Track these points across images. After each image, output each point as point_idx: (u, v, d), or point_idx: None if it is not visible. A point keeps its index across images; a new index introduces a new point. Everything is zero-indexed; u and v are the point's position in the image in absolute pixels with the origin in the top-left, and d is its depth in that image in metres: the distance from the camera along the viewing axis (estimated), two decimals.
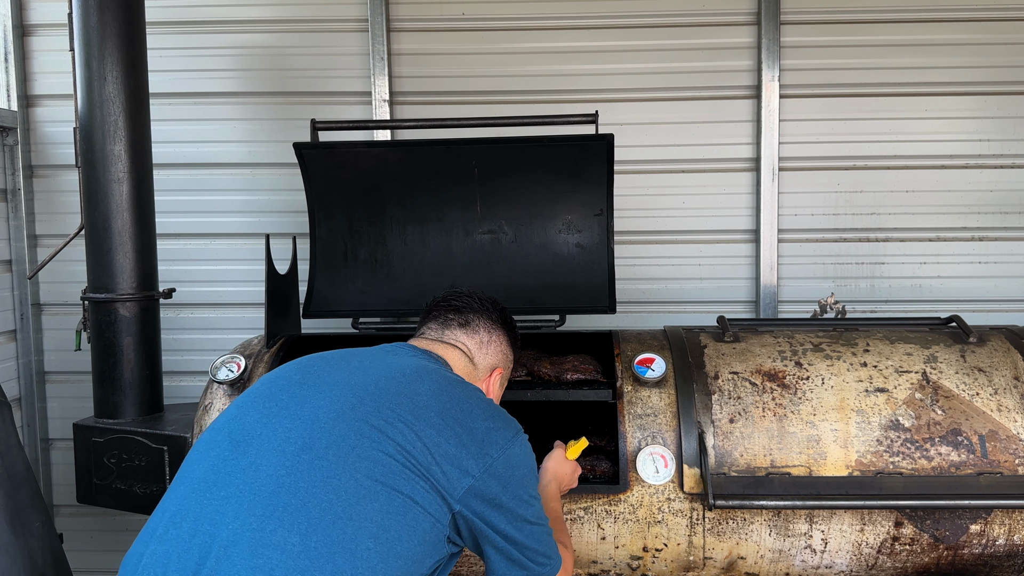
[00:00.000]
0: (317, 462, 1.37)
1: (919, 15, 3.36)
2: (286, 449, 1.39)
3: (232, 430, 1.47)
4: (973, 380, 2.22)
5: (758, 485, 2.12)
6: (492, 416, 1.55)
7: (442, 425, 1.45)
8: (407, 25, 3.47)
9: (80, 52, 2.59)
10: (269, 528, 1.31)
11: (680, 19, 3.41)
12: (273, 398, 1.51)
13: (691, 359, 2.31)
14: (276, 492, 1.34)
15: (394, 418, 1.43)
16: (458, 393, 1.55)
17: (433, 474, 1.40)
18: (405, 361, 1.61)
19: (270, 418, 1.46)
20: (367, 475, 1.36)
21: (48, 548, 2.27)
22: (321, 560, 1.29)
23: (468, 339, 1.77)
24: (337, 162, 2.80)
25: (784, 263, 3.45)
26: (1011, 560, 2.17)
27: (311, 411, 1.45)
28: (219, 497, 1.36)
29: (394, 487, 1.37)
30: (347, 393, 1.48)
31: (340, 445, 1.39)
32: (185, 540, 1.33)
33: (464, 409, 1.51)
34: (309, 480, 1.35)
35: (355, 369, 1.56)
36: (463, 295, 1.83)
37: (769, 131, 3.36)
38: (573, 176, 2.74)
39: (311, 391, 1.50)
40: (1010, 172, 3.41)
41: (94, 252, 2.64)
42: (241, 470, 1.39)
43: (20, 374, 3.55)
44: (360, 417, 1.43)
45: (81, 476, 2.60)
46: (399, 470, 1.38)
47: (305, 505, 1.33)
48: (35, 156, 3.56)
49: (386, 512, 1.35)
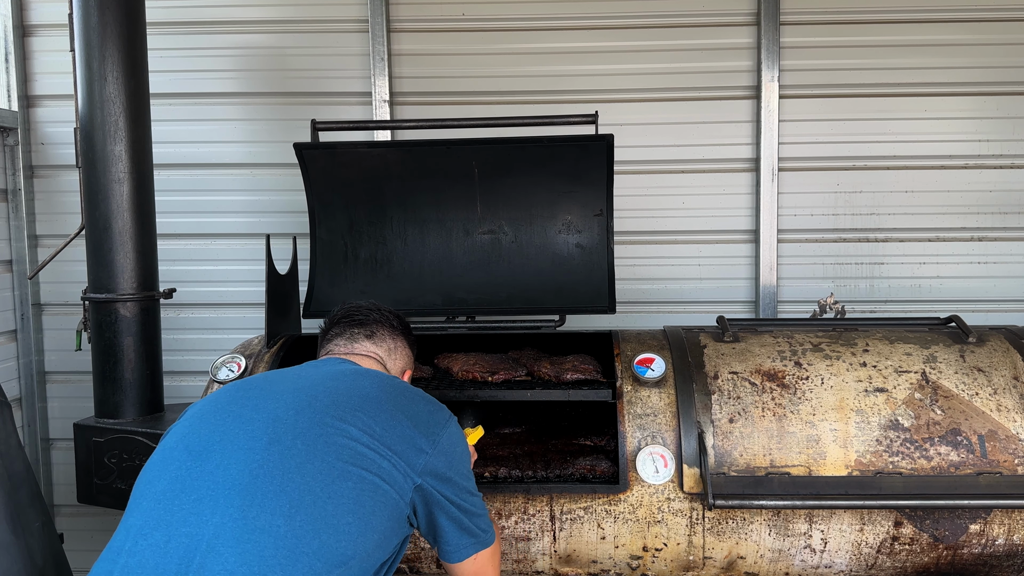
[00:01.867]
0: (287, 452, 1.45)
1: (919, 15, 3.36)
2: (253, 446, 1.46)
3: (188, 444, 1.51)
4: (972, 380, 2.22)
5: (758, 485, 2.12)
6: (430, 402, 1.69)
7: (393, 411, 1.58)
8: (407, 26, 3.47)
9: (80, 52, 2.59)
10: (252, 515, 1.36)
11: (680, 19, 3.41)
12: (223, 411, 1.56)
13: (691, 359, 2.31)
14: (252, 483, 1.40)
15: (349, 409, 1.54)
16: (398, 385, 1.69)
17: (396, 451, 1.52)
18: (341, 367, 1.73)
19: (227, 426, 1.52)
20: (337, 458, 1.46)
21: (48, 548, 2.27)
22: (308, 537, 1.36)
23: (377, 349, 1.86)
24: (337, 162, 2.80)
25: (784, 263, 3.45)
26: (1011, 560, 2.17)
27: (269, 412, 1.52)
28: (190, 500, 1.40)
29: (363, 467, 1.47)
30: (299, 395, 1.57)
31: (306, 436, 1.48)
32: (160, 547, 1.35)
33: (407, 398, 1.65)
34: (283, 468, 1.42)
35: (297, 378, 1.66)
36: (363, 308, 1.91)
37: (769, 131, 3.36)
38: (573, 176, 2.74)
39: (262, 399, 1.57)
40: (1010, 172, 3.41)
41: (94, 252, 2.64)
42: (208, 473, 1.43)
43: (20, 374, 3.55)
44: (318, 410, 1.53)
45: (81, 476, 2.60)
46: (365, 452, 1.49)
47: (284, 489, 1.40)
48: (35, 156, 3.57)
49: (360, 490, 1.45)
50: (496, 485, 2.23)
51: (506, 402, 2.67)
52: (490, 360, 2.46)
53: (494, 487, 2.23)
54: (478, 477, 2.27)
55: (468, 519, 1.64)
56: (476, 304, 2.82)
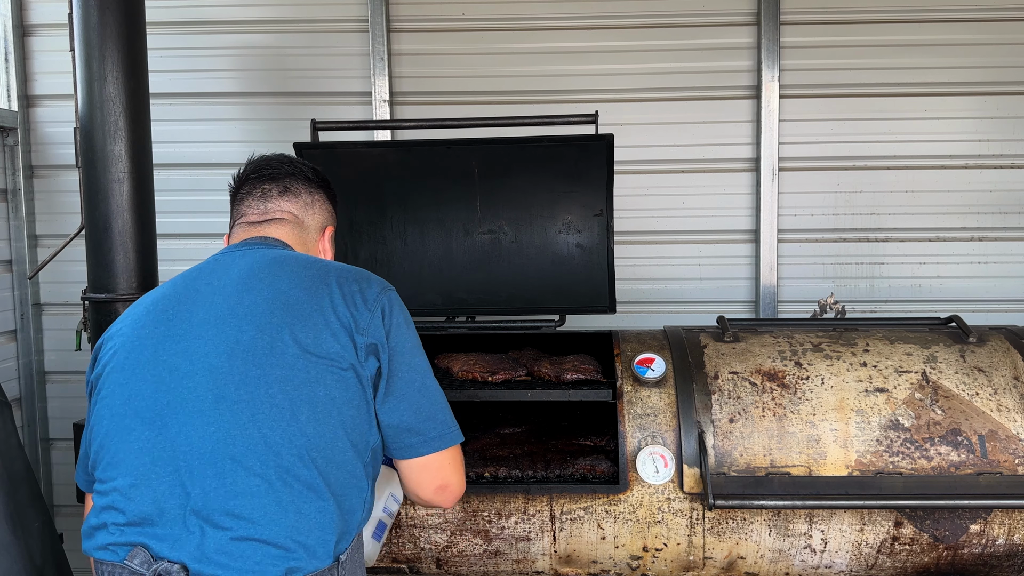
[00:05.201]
0: (235, 407, 1.38)
1: (919, 15, 3.36)
2: (202, 408, 1.38)
3: (137, 409, 1.41)
4: (973, 380, 2.22)
5: (758, 485, 2.12)
6: (357, 280, 1.53)
7: (319, 312, 1.45)
8: (407, 25, 3.47)
9: (80, 52, 2.59)
10: (230, 480, 1.34)
11: (680, 19, 3.41)
12: (154, 359, 1.43)
13: (691, 359, 2.31)
14: (217, 450, 1.35)
15: (276, 329, 1.42)
16: (317, 273, 1.51)
17: (332, 355, 1.42)
18: (254, 260, 1.53)
19: (167, 383, 1.41)
20: (284, 391, 1.39)
21: (48, 548, 2.27)
22: (299, 468, 1.36)
23: (292, 205, 1.68)
24: (337, 162, 2.80)
25: (784, 263, 3.45)
26: (1011, 560, 2.17)
27: (203, 362, 1.40)
28: (168, 472, 1.36)
29: (313, 382, 1.40)
30: (223, 328, 1.43)
31: (246, 382, 1.39)
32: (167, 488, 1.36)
33: (328, 286, 1.49)
34: (239, 424, 1.37)
35: (214, 296, 1.49)
36: (273, 161, 1.72)
37: (769, 131, 3.36)
38: (573, 176, 2.74)
39: (190, 339, 1.43)
40: (1010, 172, 3.41)
41: (94, 252, 2.64)
42: (171, 443, 1.37)
43: (20, 374, 3.55)
44: (246, 347, 1.41)
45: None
46: (308, 369, 1.41)
47: (252, 448, 1.36)
48: (35, 156, 3.56)
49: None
50: (496, 485, 2.23)
51: (506, 402, 2.67)
52: (490, 360, 2.46)
53: (494, 487, 2.23)
54: (478, 477, 2.27)
55: (422, 378, 1.53)
56: (476, 304, 2.82)
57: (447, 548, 2.29)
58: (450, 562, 2.31)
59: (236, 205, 1.71)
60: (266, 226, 1.65)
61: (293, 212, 1.68)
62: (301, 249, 1.66)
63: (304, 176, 1.72)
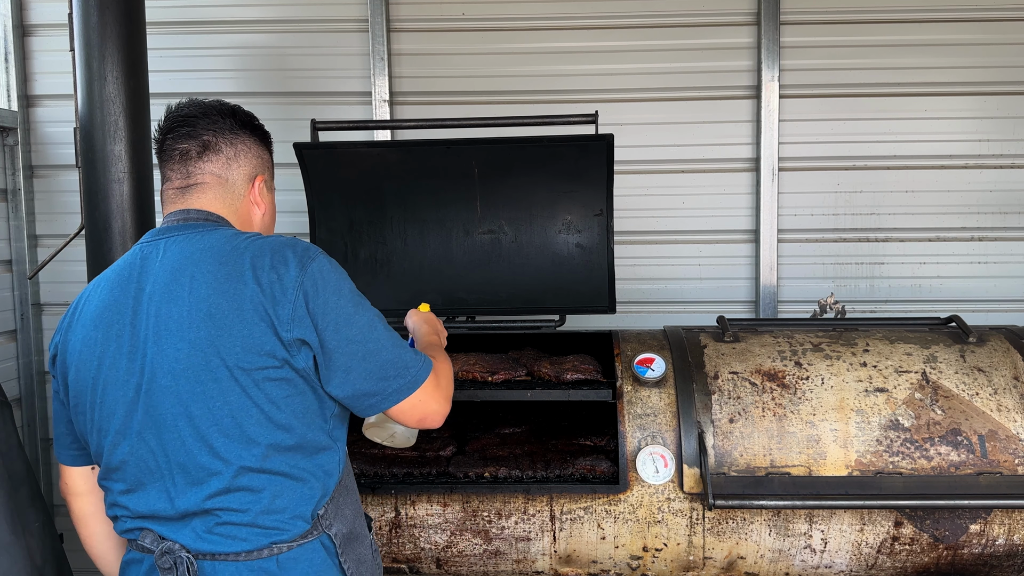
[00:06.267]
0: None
1: (919, 15, 3.36)
2: (173, 417, 1.44)
3: (117, 427, 1.49)
4: (973, 380, 2.22)
5: (758, 485, 2.12)
6: (278, 260, 1.45)
7: (238, 314, 1.41)
8: (407, 25, 3.47)
9: (80, 52, 2.59)
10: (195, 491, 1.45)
11: (680, 19, 3.41)
12: (112, 383, 1.48)
13: (691, 359, 2.31)
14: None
15: (202, 351, 1.42)
16: (233, 268, 1.45)
17: (271, 325, 1.42)
18: (170, 265, 1.49)
19: (135, 404, 1.46)
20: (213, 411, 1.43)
21: (48, 548, 2.27)
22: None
23: (213, 165, 1.59)
24: (337, 162, 2.80)
25: (784, 263, 3.45)
26: (1011, 560, 2.17)
27: (158, 384, 1.44)
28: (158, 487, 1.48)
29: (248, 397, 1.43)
30: (163, 355, 1.44)
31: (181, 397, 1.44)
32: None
33: (241, 279, 1.43)
34: (195, 403, 1.43)
35: (135, 325, 1.48)
36: (188, 116, 1.60)
37: (769, 131, 3.36)
38: (573, 176, 2.74)
39: (139, 360, 1.46)
40: (1010, 172, 3.41)
41: (94, 252, 2.63)
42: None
43: (20, 374, 3.55)
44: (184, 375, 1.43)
45: None
46: (237, 389, 1.42)
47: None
48: (35, 156, 3.56)
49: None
50: (496, 485, 2.23)
51: (506, 402, 2.67)
52: (490, 360, 2.46)
53: (494, 487, 2.23)
54: (478, 477, 2.27)
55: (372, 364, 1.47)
56: (476, 304, 2.82)
57: (447, 548, 2.29)
58: (450, 562, 2.31)
59: (160, 164, 1.64)
60: (189, 193, 1.59)
61: (215, 173, 1.60)
62: (228, 210, 1.61)
63: (224, 127, 1.62)
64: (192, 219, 1.57)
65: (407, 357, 1.51)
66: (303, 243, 1.50)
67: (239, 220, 1.62)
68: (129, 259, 1.56)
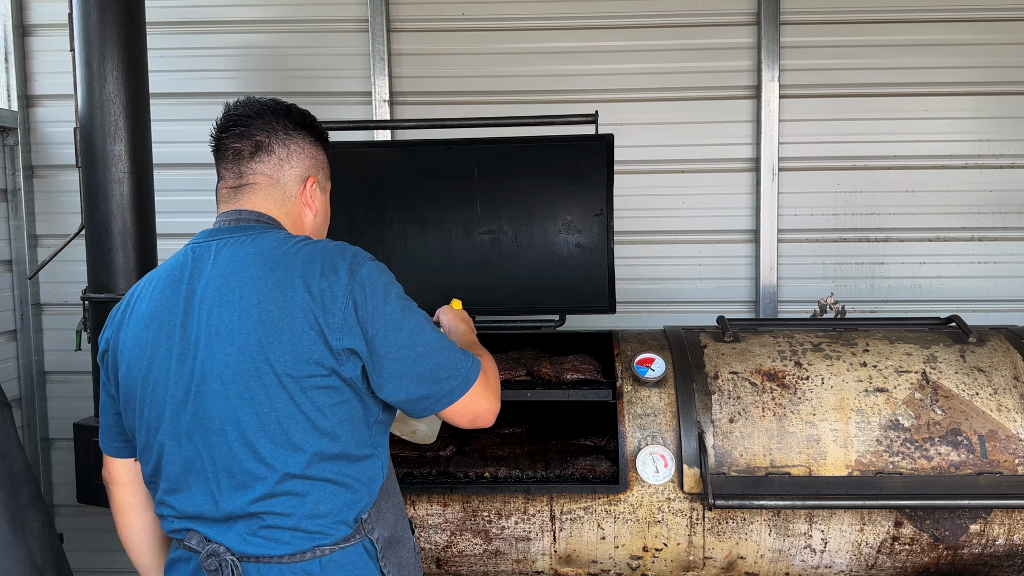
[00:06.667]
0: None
1: (919, 15, 3.36)
2: (221, 422, 1.45)
3: (168, 429, 1.49)
4: (973, 380, 2.22)
5: (758, 485, 2.12)
6: (328, 268, 1.45)
7: (288, 324, 1.41)
8: (407, 25, 3.47)
9: (80, 52, 2.59)
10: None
11: (680, 19, 3.41)
12: (161, 385, 1.49)
13: (691, 359, 2.31)
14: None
15: (253, 352, 1.42)
16: (282, 276, 1.44)
17: (321, 334, 1.42)
18: (222, 273, 1.49)
19: (186, 407, 1.47)
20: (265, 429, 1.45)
21: (48, 548, 2.26)
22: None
23: (265, 166, 1.59)
24: (337, 162, 2.77)
25: (784, 263, 3.45)
26: (1011, 560, 2.17)
27: (206, 388, 1.45)
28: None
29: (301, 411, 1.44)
30: (213, 358, 1.44)
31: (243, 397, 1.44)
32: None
33: (291, 288, 1.43)
34: (243, 408, 1.44)
35: (203, 319, 1.47)
36: (244, 116, 1.59)
37: (769, 131, 3.36)
38: (573, 176, 2.74)
39: (190, 363, 1.46)
40: (1010, 172, 3.41)
41: (94, 252, 2.64)
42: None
43: (20, 374, 3.55)
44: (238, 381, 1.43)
45: (81, 476, 2.60)
46: (286, 397, 1.43)
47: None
48: (35, 156, 3.56)
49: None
50: (496, 485, 2.23)
51: (506, 402, 2.66)
52: None
53: (494, 487, 2.23)
54: (478, 477, 2.27)
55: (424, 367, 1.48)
56: (476, 304, 2.81)
57: (447, 548, 2.29)
58: (450, 562, 2.31)
59: (216, 162, 1.64)
60: (241, 194, 1.59)
61: (266, 174, 1.59)
62: (280, 211, 1.60)
63: (277, 124, 1.60)
64: (243, 220, 1.57)
65: (457, 358, 1.51)
66: (352, 249, 1.50)
67: (291, 221, 1.61)
68: (181, 259, 1.57)
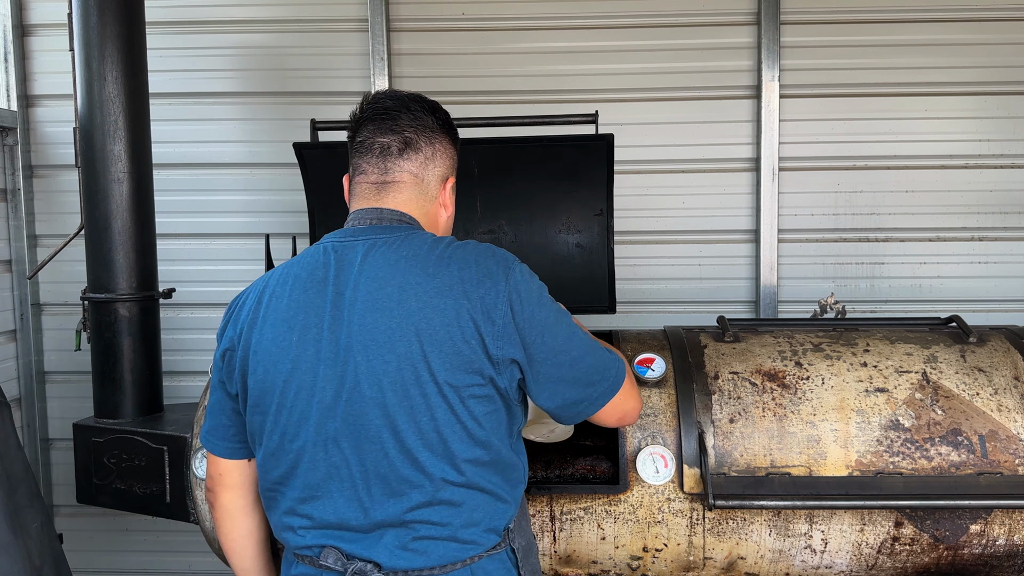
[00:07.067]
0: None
1: (919, 15, 3.36)
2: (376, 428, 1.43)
3: (314, 436, 1.46)
4: (973, 380, 2.22)
5: (758, 485, 2.12)
6: (484, 274, 1.44)
7: (450, 323, 1.40)
8: (407, 25, 3.47)
9: (80, 52, 2.59)
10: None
11: (680, 19, 3.41)
12: (309, 388, 1.44)
13: (691, 359, 2.31)
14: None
15: (410, 361, 1.40)
16: (441, 273, 1.44)
17: (482, 343, 1.41)
18: (373, 268, 1.46)
19: (334, 413, 1.44)
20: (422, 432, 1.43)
21: (48, 548, 2.26)
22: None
23: (412, 164, 1.57)
24: (337, 162, 2.79)
25: (784, 263, 3.45)
26: (1011, 560, 2.17)
27: (358, 394, 1.42)
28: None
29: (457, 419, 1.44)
30: (369, 365, 1.42)
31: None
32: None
33: (455, 289, 1.43)
34: (399, 416, 1.42)
35: (353, 324, 1.44)
36: (391, 109, 1.57)
37: (769, 131, 3.36)
38: (573, 176, 2.74)
39: (338, 367, 1.43)
40: (1010, 172, 3.41)
41: (94, 252, 2.64)
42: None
43: (20, 374, 3.55)
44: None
45: (81, 476, 2.60)
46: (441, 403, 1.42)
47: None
48: (35, 156, 3.56)
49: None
50: None
51: None
52: None
53: None
54: None
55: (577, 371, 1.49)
56: None
57: None
58: None
59: (355, 155, 1.59)
60: (385, 191, 1.56)
61: (412, 172, 1.57)
62: (419, 212, 1.58)
63: (425, 125, 1.59)
64: (386, 220, 1.54)
65: (606, 358, 1.51)
66: (500, 251, 1.49)
67: (427, 221, 1.60)
68: (321, 258, 1.51)
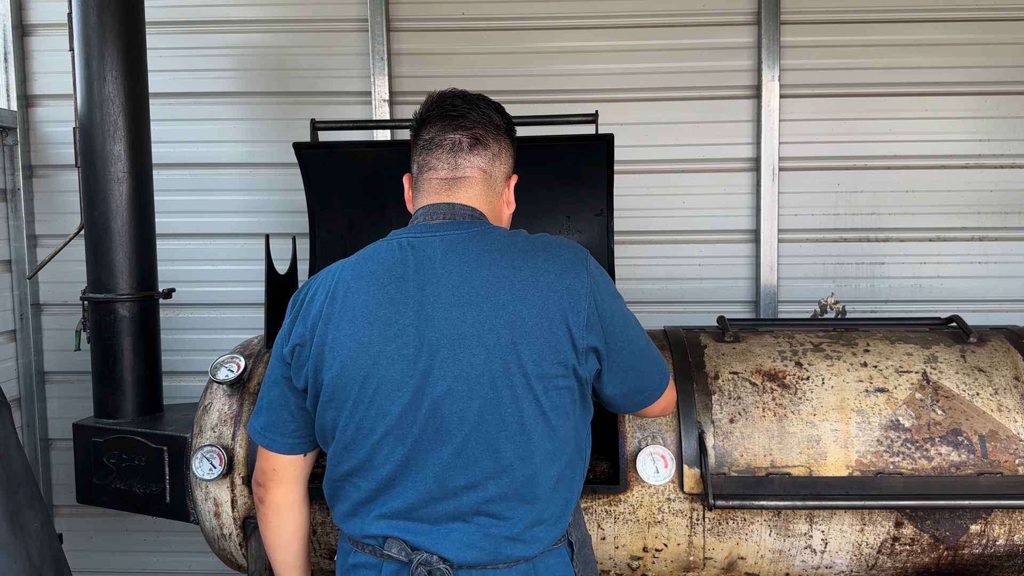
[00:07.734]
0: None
1: (919, 15, 3.36)
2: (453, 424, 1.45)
3: (395, 431, 1.46)
4: (973, 380, 2.21)
5: (758, 485, 2.12)
6: (564, 266, 1.48)
7: (537, 315, 1.43)
8: (407, 25, 3.47)
9: (80, 52, 2.59)
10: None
11: (680, 19, 3.41)
12: (399, 384, 1.45)
13: (691, 359, 2.31)
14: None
15: (500, 352, 1.42)
16: (524, 264, 1.47)
17: (568, 333, 1.44)
18: (458, 258, 1.48)
19: (415, 406, 1.45)
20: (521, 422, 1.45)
21: (47, 548, 2.26)
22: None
23: (481, 160, 1.59)
24: (337, 162, 2.80)
25: (784, 263, 3.45)
26: (1011, 560, 2.17)
27: (442, 388, 1.43)
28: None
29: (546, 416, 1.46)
30: (456, 358, 1.43)
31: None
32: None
33: (540, 279, 1.46)
34: (486, 409, 1.43)
35: (438, 319, 1.44)
36: (459, 106, 1.59)
37: (769, 131, 3.36)
38: (573, 176, 2.74)
39: (425, 361, 1.44)
40: (1010, 172, 3.41)
41: (94, 252, 2.64)
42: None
43: (20, 374, 3.55)
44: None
45: (81, 476, 2.60)
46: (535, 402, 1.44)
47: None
48: (35, 156, 3.56)
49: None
50: None
51: None
52: None
53: None
54: None
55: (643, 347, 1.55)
56: None
57: None
58: None
59: (422, 151, 1.60)
60: (456, 187, 1.57)
61: (482, 168, 1.59)
62: (488, 207, 1.60)
63: (493, 124, 1.61)
64: (459, 215, 1.55)
65: (658, 351, 1.57)
66: (573, 243, 1.54)
67: (493, 217, 1.62)
68: (395, 253, 1.51)
